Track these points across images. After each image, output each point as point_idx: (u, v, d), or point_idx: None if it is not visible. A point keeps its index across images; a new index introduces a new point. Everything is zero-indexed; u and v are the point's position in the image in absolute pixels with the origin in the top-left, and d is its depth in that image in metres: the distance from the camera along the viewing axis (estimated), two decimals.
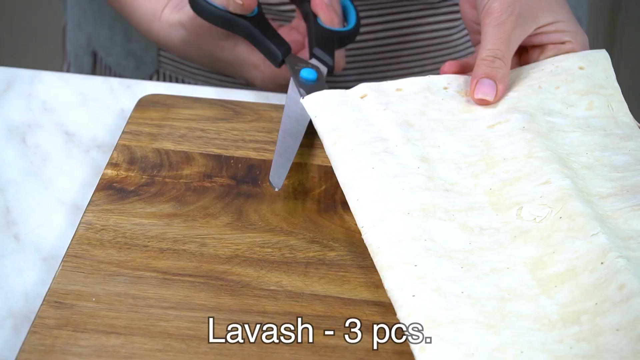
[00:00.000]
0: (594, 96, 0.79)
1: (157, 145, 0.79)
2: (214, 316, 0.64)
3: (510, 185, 0.71)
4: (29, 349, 0.62)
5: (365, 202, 0.69)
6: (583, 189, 0.71)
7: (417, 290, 0.63)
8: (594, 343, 0.61)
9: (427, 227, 0.68)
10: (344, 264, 0.69)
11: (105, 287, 0.66)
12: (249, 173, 0.77)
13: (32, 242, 0.74)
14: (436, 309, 0.62)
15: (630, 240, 0.67)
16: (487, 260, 0.67)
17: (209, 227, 0.72)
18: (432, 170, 0.73)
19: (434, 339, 0.60)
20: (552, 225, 0.68)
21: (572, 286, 0.64)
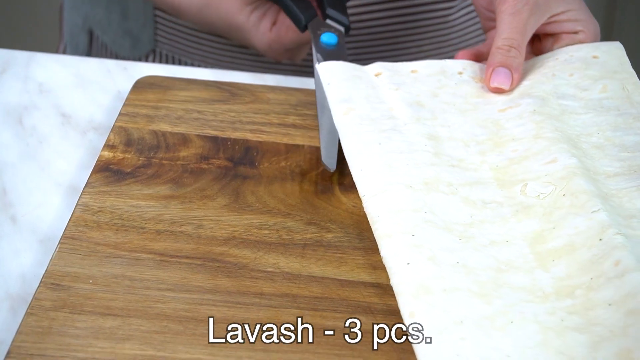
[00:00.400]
0: (608, 80, 0.80)
1: (154, 127, 0.79)
2: (211, 298, 0.64)
3: (517, 163, 0.72)
4: (25, 331, 0.62)
5: (368, 172, 0.70)
6: (590, 167, 0.71)
7: (412, 258, 0.64)
8: (585, 316, 0.61)
9: (428, 200, 0.68)
10: (341, 246, 0.69)
11: (102, 269, 0.66)
12: (246, 155, 0.77)
13: (29, 224, 0.74)
14: (429, 277, 0.63)
15: (632, 218, 0.67)
16: (487, 233, 0.67)
17: (206, 208, 0.72)
18: (439, 147, 0.74)
19: (421, 307, 0.61)
20: (555, 202, 0.68)
21: (569, 261, 0.65)
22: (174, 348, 0.61)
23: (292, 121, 0.81)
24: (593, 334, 0.60)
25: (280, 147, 0.78)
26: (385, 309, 0.64)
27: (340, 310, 0.64)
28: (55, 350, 0.61)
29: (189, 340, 0.62)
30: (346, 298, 0.65)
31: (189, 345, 0.61)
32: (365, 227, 0.70)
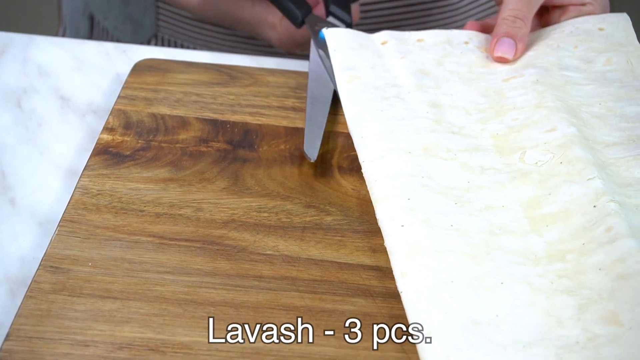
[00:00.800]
0: (613, 53, 0.81)
1: (153, 109, 0.79)
2: (210, 281, 0.64)
3: (517, 131, 0.73)
4: (25, 314, 0.62)
5: (369, 139, 0.72)
6: (589, 137, 0.72)
7: (407, 220, 0.65)
8: (575, 280, 0.63)
9: (426, 165, 0.70)
10: (340, 229, 0.69)
11: (102, 252, 0.66)
12: (245, 137, 0.77)
13: (28, 206, 0.74)
14: (422, 239, 0.64)
15: (628, 187, 0.68)
16: (484, 197, 0.69)
17: (205, 191, 0.72)
18: (440, 114, 0.75)
19: (413, 267, 0.62)
20: (552, 170, 0.69)
21: (562, 226, 0.66)
22: (173, 331, 0.61)
23: (292, 104, 0.81)
24: (581, 297, 0.61)
25: (280, 130, 0.78)
26: (385, 291, 0.64)
27: (339, 293, 0.64)
28: (54, 333, 0.61)
29: (188, 323, 0.62)
30: (345, 281, 0.65)
31: (188, 328, 0.61)
32: (364, 209, 0.69)
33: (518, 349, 0.59)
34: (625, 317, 0.59)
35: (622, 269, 0.61)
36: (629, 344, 0.58)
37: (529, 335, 0.60)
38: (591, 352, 0.59)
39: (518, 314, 0.61)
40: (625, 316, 0.59)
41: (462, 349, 0.58)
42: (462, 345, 0.59)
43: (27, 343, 0.60)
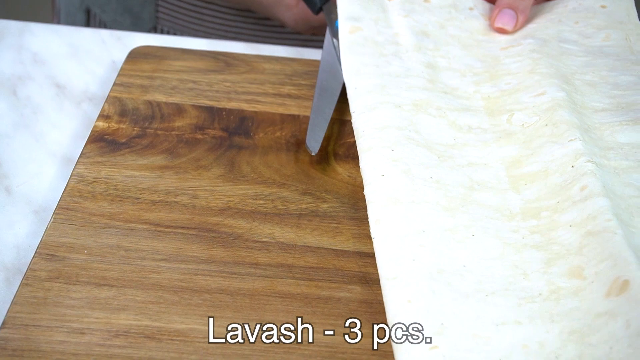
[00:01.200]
0: (612, 30, 0.82)
1: (149, 97, 0.79)
2: (206, 268, 0.64)
3: (508, 95, 0.75)
4: (21, 302, 0.62)
5: (361, 91, 0.73)
6: (578, 102, 0.73)
7: (388, 171, 0.66)
8: (546, 236, 0.64)
9: (415, 120, 0.71)
10: (336, 216, 0.69)
11: (97, 240, 0.66)
12: (241, 125, 0.77)
13: (24, 194, 0.73)
14: (400, 189, 0.65)
15: (609, 150, 0.70)
16: (467, 154, 0.70)
17: (201, 179, 0.71)
18: (435, 76, 0.76)
19: (387, 215, 0.64)
20: (537, 131, 0.71)
21: (540, 185, 0.67)
22: (169, 318, 0.61)
23: (288, 91, 0.80)
24: (550, 252, 0.63)
25: (276, 117, 0.78)
26: None
27: (335, 280, 0.64)
28: (50, 320, 0.61)
29: (184, 311, 0.62)
30: (341, 268, 0.65)
31: (184, 315, 0.61)
32: (361, 197, 0.69)
33: (480, 297, 0.60)
34: (589, 272, 0.61)
35: (591, 226, 0.63)
36: (589, 296, 0.60)
37: (494, 285, 0.61)
38: (552, 303, 0.60)
39: (485, 266, 0.62)
40: (590, 271, 0.61)
41: (425, 293, 0.60)
42: (424, 291, 0.60)
43: (23, 331, 0.60)
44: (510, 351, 0.58)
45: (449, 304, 0.60)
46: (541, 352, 0.58)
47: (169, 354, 0.59)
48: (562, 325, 0.59)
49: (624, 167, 0.68)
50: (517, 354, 0.58)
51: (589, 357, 0.57)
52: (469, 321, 0.59)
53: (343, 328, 0.61)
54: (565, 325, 0.59)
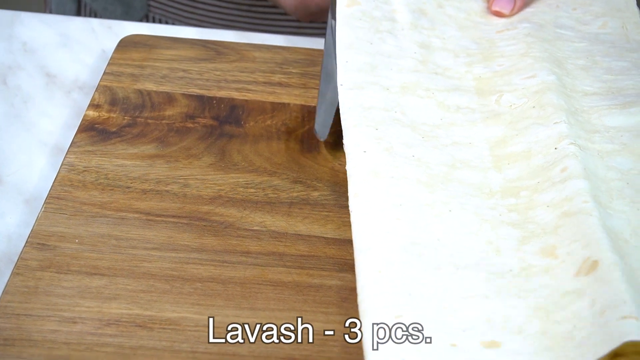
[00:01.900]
0: (610, 17, 0.82)
1: (139, 86, 0.79)
2: (197, 257, 0.64)
3: (500, 76, 0.75)
4: (12, 291, 0.62)
5: (352, 67, 0.73)
6: (568, 85, 0.74)
7: (370, 148, 0.67)
8: (523, 215, 0.65)
9: (402, 102, 0.72)
10: (327, 204, 0.69)
11: (88, 229, 0.66)
12: (232, 113, 0.77)
13: (14, 184, 0.73)
14: (381, 164, 0.66)
15: (595, 133, 0.70)
16: (453, 134, 0.70)
17: (191, 167, 0.71)
18: (428, 56, 0.77)
19: (366, 188, 0.64)
20: (524, 113, 0.71)
21: (523, 165, 0.68)
22: (161, 307, 0.61)
23: (278, 80, 0.80)
24: (525, 230, 0.63)
25: (266, 105, 0.78)
26: None
27: (327, 268, 0.64)
28: (41, 309, 0.61)
29: (176, 299, 0.62)
30: (333, 256, 0.65)
31: (176, 304, 0.61)
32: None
33: (450, 271, 0.61)
34: (561, 251, 0.61)
35: (568, 207, 0.63)
36: (559, 275, 0.60)
37: (465, 260, 0.62)
38: (521, 279, 0.61)
39: (459, 240, 0.63)
40: (562, 250, 0.61)
41: (395, 264, 0.60)
42: (395, 261, 0.60)
43: (15, 320, 0.60)
44: (474, 323, 0.59)
45: (418, 275, 0.60)
46: (505, 325, 0.59)
47: (160, 343, 0.59)
48: (528, 301, 0.60)
49: (608, 150, 0.69)
50: (481, 326, 0.58)
51: (552, 333, 0.58)
52: (437, 292, 0.60)
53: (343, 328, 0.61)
54: (531, 302, 0.60)
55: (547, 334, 0.58)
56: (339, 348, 0.60)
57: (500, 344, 0.58)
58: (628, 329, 0.55)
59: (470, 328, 0.58)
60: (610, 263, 0.59)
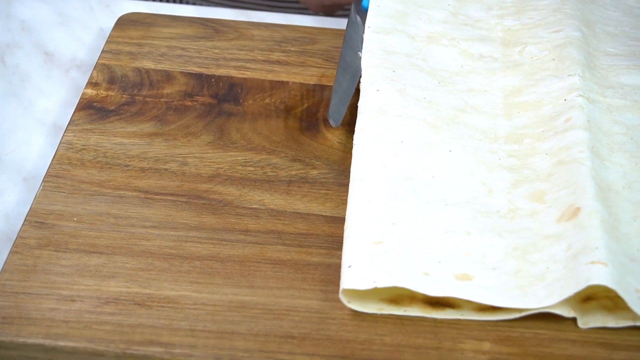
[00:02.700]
0: None
1: (137, 64, 0.79)
2: (196, 235, 0.64)
3: (528, 29, 0.76)
4: (10, 269, 0.62)
5: (382, 11, 0.75)
6: (592, 45, 0.75)
7: (384, 87, 0.69)
8: (522, 160, 0.66)
9: (425, 49, 0.73)
10: (326, 182, 0.69)
11: (87, 207, 0.66)
12: (231, 91, 0.76)
13: (13, 162, 0.73)
14: (390, 103, 0.68)
15: (609, 88, 0.71)
16: (471, 81, 0.72)
17: (190, 146, 0.71)
18: (461, 7, 0.78)
19: (372, 124, 0.66)
20: (543, 64, 0.73)
21: (532, 114, 0.69)
22: (159, 285, 0.61)
23: (277, 58, 0.80)
24: (520, 175, 0.65)
25: (265, 83, 0.77)
26: None
27: (325, 247, 0.64)
28: (40, 288, 0.61)
29: (174, 277, 0.62)
30: (332, 234, 0.65)
31: (174, 282, 0.61)
32: (350, 163, 0.69)
33: (439, 206, 0.63)
34: (549, 197, 0.63)
35: (564, 155, 0.65)
36: (542, 219, 0.62)
37: (457, 198, 0.64)
38: (506, 220, 0.63)
39: (454, 179, 0.64)
40: (550, 196, 0.63)
41: (385, 195, 0.62)
42: (386, 193, 0.62)
43: (13, 298, 0.60)
44: (451, 257, 0.60)
45: (406, 207, 0.62)
46: (481, 261, 0.60)
47: (159, 321, 0.59)
48: (508, 241, 0.62)
49: (618, 105, 0.70)
50: (457, 260, 0.60)
51: (525, 273, 0.60)
52: (421, 225, 0.62)
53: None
54: (511, 242, 0.62)
55: (520, 273, 0.60)
56: (338, 326, 0.60)
57: (472, 278, 0.60)
58: (594, 274, 0.57)
59: (446, 260, 0.60)
60: (591, 211, 0.61)
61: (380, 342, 0.59)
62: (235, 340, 0.59)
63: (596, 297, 0.59)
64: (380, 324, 0.60)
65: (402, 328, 0.59)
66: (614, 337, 0.59)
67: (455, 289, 0.59)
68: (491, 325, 0.60)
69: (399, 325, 0.60)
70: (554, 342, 0.59)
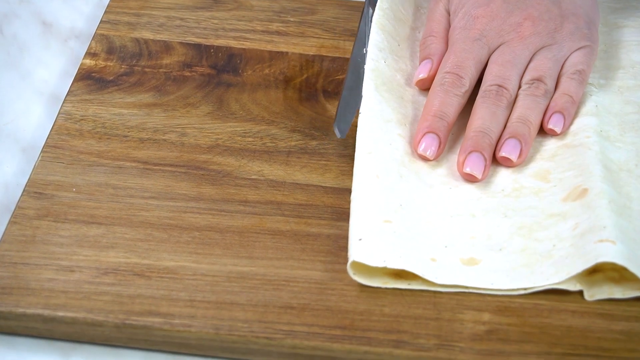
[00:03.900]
0: None
1: (136, 34, 0.78)
2: (195, 206, 0.64)
3: None
4: (9, 240, 0.62)
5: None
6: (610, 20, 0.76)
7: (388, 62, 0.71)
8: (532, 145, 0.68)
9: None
10: (325, 153, 0.69)
11: (86, 178, 0.66)
12: (230, 62, 0.76)
13: (11, 133, 0.73)
14: (393, 82, 0.70)
15: (619, 69, 0.72)
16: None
17: (189, 116, 0.71)
18: None
19: (379, 100, 0.67)
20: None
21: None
22: (158, 255, 0.61)
23: (276, 28, 0.80)
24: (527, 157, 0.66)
25: (264, 54, 0.77)
26: None
27: (324, 217, 0.64)
28: (39, 258, 0.61)
29: (173, 248, 0.62)
30: (331, 205, 0.65)
31: (173, 253, 0.61)
32: (349, 134, 0.69)
33: (443, 190, 0.64)
34: (554, 177, 0.64)
35: (570, 139, 0.66)
36: (548, 198, 0.63)
37: (459, 180, 0.65)
38: (511, 199, 0.64)
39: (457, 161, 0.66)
40: (555, 176, 0.64)
41: (392, 174, 0.63)
42: (393, 172, 0.63)
43: (12, 269, 0.60)
44: (457, 239, 0.61)
45: (411, 189, 0.63)
46: (487, 242, 0.61)
47: (158, 291, 0.59)
48: (514, 220, 0.62)
49: (629, 86, 0.71)
50: (463, 242, 0.61)
51: (532, 250, 0.60)
52: (426, 209, 0.62)
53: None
54: (517, 221, 0.62)
55: (526, 251, 0.60)
56: (337, 297, 0.60)
57: (479, 261, 0.60)
58: (603, 251, 0.58)
59: (452, 244, 0.61)
60: (599, 192, 0.61)
61: (379, 312, 0.59)
62: (234, 310, 0.59)
63: (602, 269, 0.59)
64: (380, 294, 0.60)
65: (402, 299, 0.59)
66: (613, 307, 0.60)
67: (461, 276, 0.59)
68: (491, 296, 0.60)
69: (398, 296, 0.60)
70: (554, 312, 0.59)
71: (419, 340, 0.58)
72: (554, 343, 0.58)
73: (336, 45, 0.77)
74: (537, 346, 0.58)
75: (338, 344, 0.57)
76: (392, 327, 0.58)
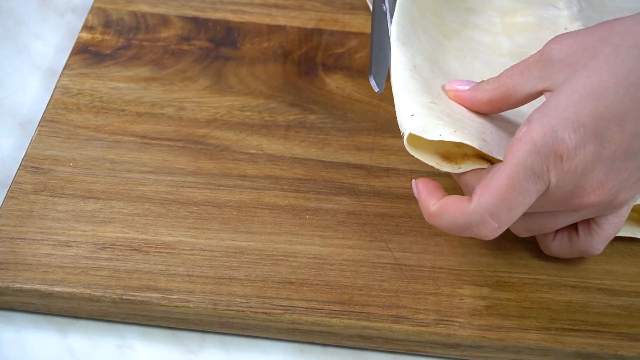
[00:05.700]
0: None
1: (133, 7, 0.78)
2: (193, 180, 0.64)
3: None
4: (6, 214, 0.61)
5: None
6: None
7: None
8: None
9: None
10: (324, 127, 0.68)
11: (83, 152, 0.65)
12: (228, 35, 0.75)
13: (8, 107, 0.72)
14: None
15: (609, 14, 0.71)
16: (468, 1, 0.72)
17: (187, 90, 0.70)
18: None
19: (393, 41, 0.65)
20: None
21: (532, 36, 0.70)
22: (156, 230, 0.61)
23: (274, 1, 0.79)
24: None
25: (262, 27, 0.76)
26: (369, 190, 0.64)
27: (323, 192, 0.64)
28: (36, 233, 0.60)
29: (171, 223, 0.61)
30: (330, 179, 0.65)
31: (171, 228, 0.61)
32: (348, 108, 0.69)
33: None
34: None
35: None
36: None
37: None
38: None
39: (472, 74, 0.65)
40: None
41: (425, 70, 0.61)
42: (424, 67, 0.62)
43: (9, 244, 0.60)
44: (494, 130, 0.59)
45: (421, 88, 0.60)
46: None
47: (156, 266, 0.59)
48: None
49: None
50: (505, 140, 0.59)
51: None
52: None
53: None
54: None
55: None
56: (336, 272, 0.59)
57: None
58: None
59: (496, 132, 0.59)
60: None
61: (378, 287, 0.59)
62: (232, 285, 0.58)
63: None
64: (379, 269, 0.59)
65: (401, 273, 0.59)
66: (614, 282, 0.59)
67: None
68: (490, 271, 0.60)
69: (397, 270, 0.59)
70: (553, 287, 0.59)
71: (418, 316, 0.57)
72: (554, 318, 0.58)
73: (335, 18, 0.77)
74: (536, 321, 0.57)
75: (337, 319, 0.57)
76: (391, 302, 0.58)
